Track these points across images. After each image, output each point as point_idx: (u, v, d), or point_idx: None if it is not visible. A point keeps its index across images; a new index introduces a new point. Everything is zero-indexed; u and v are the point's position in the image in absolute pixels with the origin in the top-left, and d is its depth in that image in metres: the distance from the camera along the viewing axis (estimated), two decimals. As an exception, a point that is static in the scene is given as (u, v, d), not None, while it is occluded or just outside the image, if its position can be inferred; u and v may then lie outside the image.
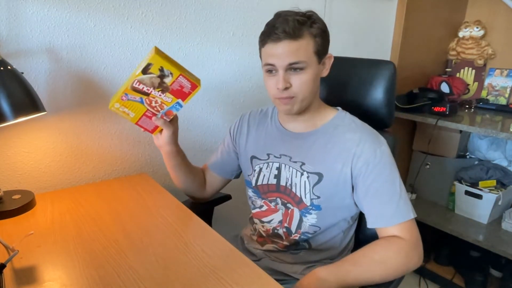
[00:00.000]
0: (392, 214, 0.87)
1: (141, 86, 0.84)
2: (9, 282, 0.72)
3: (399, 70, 1.97)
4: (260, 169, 1.04)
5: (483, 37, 2.09)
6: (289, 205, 1.00)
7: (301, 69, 0.87)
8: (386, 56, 1.97)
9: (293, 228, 1.00)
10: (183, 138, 1.38)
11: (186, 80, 0.86)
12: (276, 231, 1.03)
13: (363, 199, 0.91)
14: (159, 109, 0.91)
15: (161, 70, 0.83)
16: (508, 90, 2.01)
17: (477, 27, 2.07)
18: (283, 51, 0.85)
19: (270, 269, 0.99)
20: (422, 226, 1.86)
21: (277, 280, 0.99)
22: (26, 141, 1.09)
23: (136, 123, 0.92)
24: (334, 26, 1.68)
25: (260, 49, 0.93)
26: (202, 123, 1.43)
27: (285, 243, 1.01)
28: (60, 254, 0.81)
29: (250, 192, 1.10)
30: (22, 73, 0.94)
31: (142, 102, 0.88)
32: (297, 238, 1.00)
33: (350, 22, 1.77)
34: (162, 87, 0.86)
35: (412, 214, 0.87)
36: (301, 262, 1.00)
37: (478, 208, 1.81)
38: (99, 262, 0.78)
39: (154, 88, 0.86)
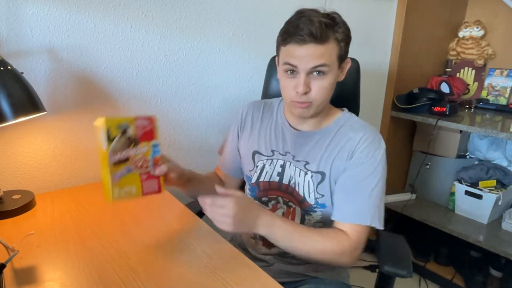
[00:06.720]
0: (351, 212, 0.89)
1: (117, 156, 0.80)
2: (9, 282, 0.72)
3: (399, 70, 1.99)
4: (264, 165, 1.02)
5: (483, 37, 2.09)
6: (290, 203, 0.99)
7: (323, 73, 0.84)
8: (386, 56, 1.97)
9: None
10: (183, 138, 1.39)
11: (142, 120, 0.83)
12: None
13: (337, 191, 0.93)
14: (147, 165, 0.85)
15: (119, 127, 0.80)
16: (508, 90, 2.02)
17: (477, 27, 2.07)
18: (307, 54, 0.82)
19: (285, 272, 0.99)
20: (422, 226, 1.90)
21: (295, 281, 0.99)
22: (26, 141, 1.09)
23: (143, 195, 0.85)
24: (334, 26, 1.68)
25: (279, 46, 0.89)
26: (202, 123, 1.43)
27: None
28: (60, 254, 0.81)
29: (247, 189, 1.08)
30: (22, 73, 0.94)
31: (130, 170, 0.82)
32: None
33: (350, 22, 1.74)
34: (132, 141, 0.82)
35: (369, 222, 0.88)
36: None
37: (478, 208, 1.81)
38: (99, 262, 0.78)
39: (128, 147, 0.81)
